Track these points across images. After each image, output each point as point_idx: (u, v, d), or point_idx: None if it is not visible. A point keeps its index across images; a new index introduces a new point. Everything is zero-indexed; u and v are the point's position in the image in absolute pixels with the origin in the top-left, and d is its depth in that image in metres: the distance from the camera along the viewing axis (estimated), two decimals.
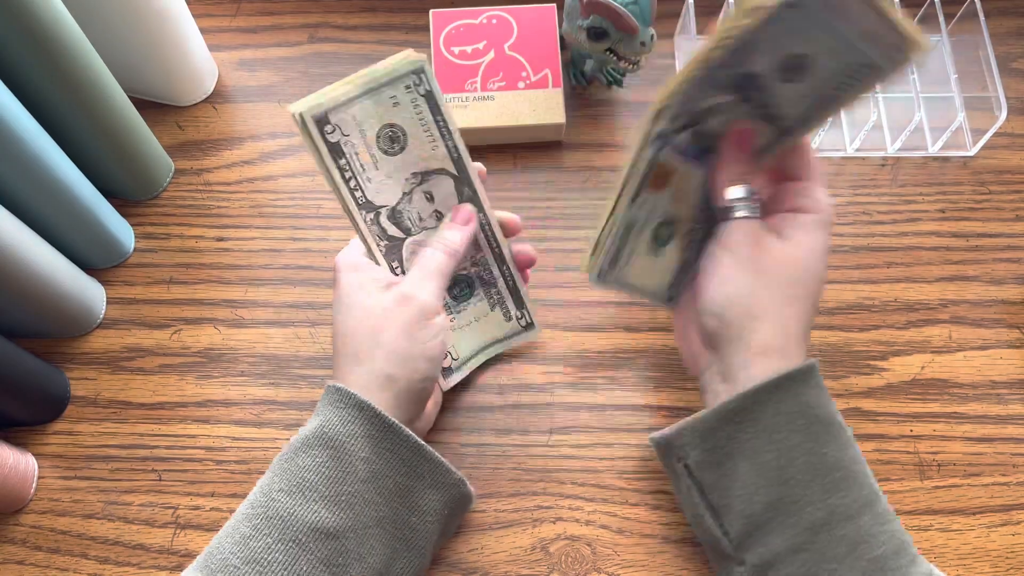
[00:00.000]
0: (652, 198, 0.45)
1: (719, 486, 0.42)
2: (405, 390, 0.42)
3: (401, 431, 0.41)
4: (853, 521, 0.38)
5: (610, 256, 0.46)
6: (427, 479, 0.42)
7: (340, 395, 0.41)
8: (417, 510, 0.42)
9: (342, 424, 0.40)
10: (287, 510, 0.38)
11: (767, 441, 0.40)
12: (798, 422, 0.39)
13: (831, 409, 0.40)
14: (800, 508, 0.39)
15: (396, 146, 0.43)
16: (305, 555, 0.38)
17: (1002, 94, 0.55)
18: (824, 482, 0.39)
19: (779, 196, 0.44)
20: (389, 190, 0.44)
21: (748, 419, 0.40)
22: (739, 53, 0.38)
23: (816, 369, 0.40)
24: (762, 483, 0.40)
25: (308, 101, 0.40)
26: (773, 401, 0.39)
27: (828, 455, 0.39)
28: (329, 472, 0.39)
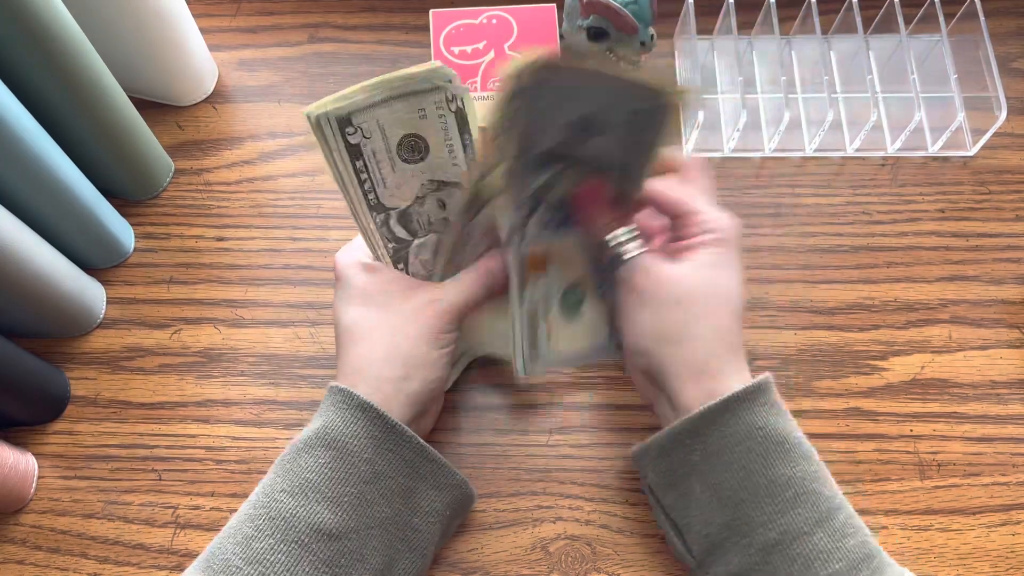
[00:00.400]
0: (541, 281, 0.45)
1: (678, 506, 0.42)
2: (418, 393, 0.42)
3: (404, 432, 0.41)
4: (807, 539, 0.38)
5: (528, 348, 0.47)
6: (429, 480, 0.42)
7: (343, 396, 0.41)
8: (419, 511, 0.42)
9: (345, 425, 0.40)
10: (289, 511, 0.38)
11: (717, 463, 0.40)
12: (746, 443, 0.39)
13: (783, 426, 0.40)
14: (752, 529, 0.39)
15: (416, 155, 0.43)
16: (307, 556, 0.38)
17: (1002, 94, 0.55)
18: (775, 502, 0.38)
19: (675, 230, 0.44)
20: (402, 193, 0.44)
21: (697, 441, 0.40)
22: (524, 141, 0.39)
23: (765, 387, 0.40)
24: (715, 504, 0.40)
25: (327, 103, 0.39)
26: (720, 423, 0.39)
27: (779, 474, 0.39)
28: (331, 473, 0.39)
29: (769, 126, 0.59)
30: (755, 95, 0.61)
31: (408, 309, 0.43)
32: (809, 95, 0.61)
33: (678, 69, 0.62)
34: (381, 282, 0.43)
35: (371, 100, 0.40)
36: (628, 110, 0.39)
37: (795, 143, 0.59)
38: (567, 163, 0.42)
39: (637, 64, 0.55)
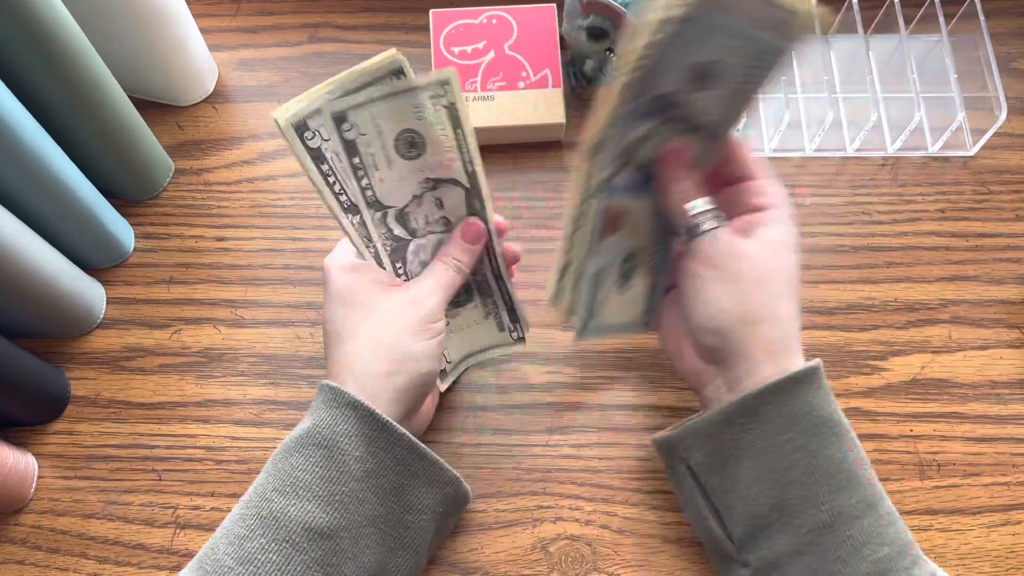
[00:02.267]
0: (611, 243, 0.45)
1: (722, 488, 0.42)
2: (405, 387, 0.42)
3: (395, 430, 0.41)
4: (857, 522, 0.38)
5: (588, 311, 0.47)
6: (421, 477, 0.42)
7: (334, 394, 0.41)
8: (412, 508, 0.42)
9: (335, 423, 0.40)
10: (281, 510, 0.38)
11: (770, 443, 0.40)
12: (802, 423, 0.39)
13: (835, 411, 0.40)
14: (804, 509, 0.39)
15: (413, 151, 0.43)
16: (299, 555, 0.38)
17: (1002, 94, 0.55)
18: (828, 483, 0.39)
19: (734, 199, 0.44)
20: (400, 192, 0.44)
21: (752, 421, 0.40)
22: (648, 80, 0.38)
23: (820, 371, 0.40)
24: (765, 485, 0.40)
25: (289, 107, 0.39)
26: (776, 403, 0.39)
27: (832, 456, 0.39)
28: (323, 471, 0.39)
29: (770, 126, 0.59)
30: None
31: (390, 306, 0.43)
32: (809, 95, 0.61)
33: None
34: (362, 281, 0.44)
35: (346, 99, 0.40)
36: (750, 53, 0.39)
37: (795, 143, 0.59)
38: (668, 116, 0.42)
39: None
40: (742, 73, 0.40)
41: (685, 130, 0.43)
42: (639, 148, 0.43)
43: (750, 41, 0.38)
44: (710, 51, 0.39)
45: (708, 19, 0.37)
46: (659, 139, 0.43)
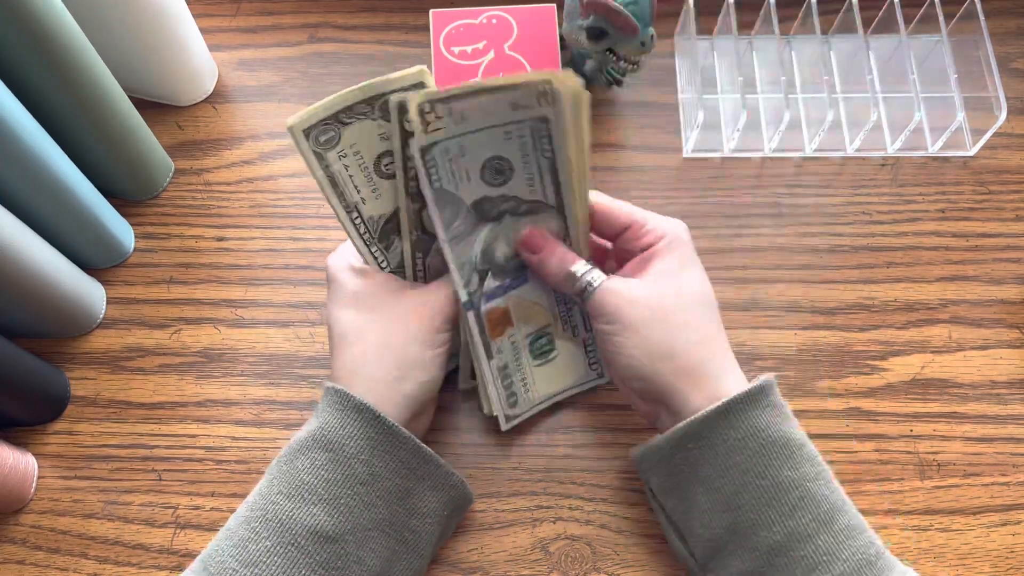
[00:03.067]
0: (507, 341, 0.46)
1: (679, 509, 0.42)
2: (412, 394, 0.42)
3: (400, 433, 0.41)
4: (811, 541, 0.38)
5: (507, 405, 0.48)
6: (427, 481, 0.42)
7: (339, 397, 0.40)
8: (417, 512, 0.42)
9: (341, 426, 0.40)
10: (286, 513, 0.38)
11: (720, 466, 0.40)
12: (749, 446, 0.39)
13: (786, 428, 0.40)
14: (756, 532, 0.39)
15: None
16: (304, 558, 0.38)
17: (1002, 94, 0.55)
18: (779, 505, 0.38)
19: (623, 250, 0.44)
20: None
21: (699, 445, 0.40)
22: (445, 207, 0.40)
23: (767, 389, 0.40)
24: (718, 508, 0.40)
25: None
26: (721, 427, 0.39)
27: (782, 476, 0.39)
28: (328, 475, 0.39)
29: (769, 126, 0.59)
30: (755, 95, 0.61)
31: (399, 311, 0.43)
32: (809, 95, 0.61)
33: (677, 69, 0.62)
34: (372, 285, 0.44)
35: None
36: (528, 133, 0.40)
37: (795, 143, 0.59)
38: (498, 214, 0.43)
39: (638, 65, 0.55)
40: (536, 151, 0.41)
41: (525, 215, 0.44)
42: (493, 252, 0.44)
43: (519, 124, 0.39)
44: (482, 152, 0.40)
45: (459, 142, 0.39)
46: (508, 234, 0.44)
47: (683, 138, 0.60)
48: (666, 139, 0.60)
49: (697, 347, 0.41)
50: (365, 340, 0.42)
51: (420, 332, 0.42)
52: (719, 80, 0.61)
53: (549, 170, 0.42)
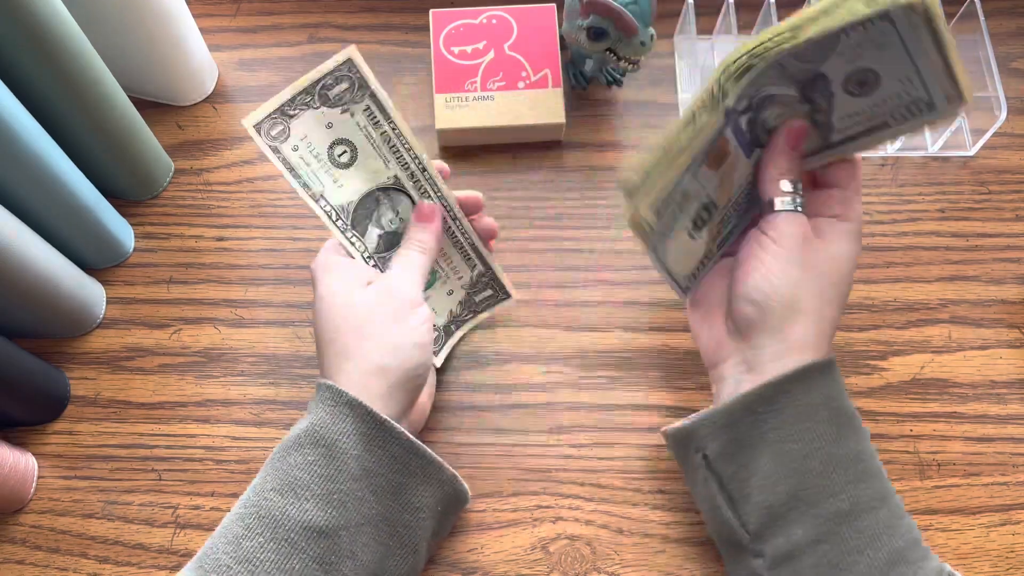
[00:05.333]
0: (708, 175, 0.44)
1: (738, 477, 0.42)
2: (398, 380, 0.42)
3: (393, 428, 0.41)
4: (874, 513, 0.39)
5: (665, 220, 0.44)
6: (419, 476, 0.43)
7: (331, 393, 0.41)
8: (410, 507, 0.42)
9: (333, 422, 0.40)
10: (279, 509, 0.38)
11: (790, 431, 0.40)
12: (821, 413, 0.40)
13: (849, 403, 0.41)
14: (823, 499, 0.39)
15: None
16: (297, 554, 0.38)
17: (1002, 94, 0.55)
18: (847, 473, 0.39)
19: (819, 201, 0.44)
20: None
21: (771, 409, 0.40)
22: (821, 48, 0.39)
23: (835, 363, 0.41)
24: (783, 473, 0.40)
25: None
26: (797, 392, 0.40)
27: (850, 447, 0.40)
28: (321, 470, 0.39)
29: None
30: None
31: (368, 299, 0.43)
32: None
33: (677, 69, 0.62)
34: (341, 281, 0.44)
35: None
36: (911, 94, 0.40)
37: None
38: (806, 98, 0.42)
39: (637, 65, 0.55)
40: (893, 107, 0.41)
41: (813, 121, 0.43)
42: (767, 106, 0.43)
43: (918, 85, 0.39)
44: (883, 65, 0.40)
45: (904, 34, 0.38)
46: (787, 112, 0.43)
47: None
48: None
49: (829, 323, 0.42)
50: (343, 335, 0.42)
51: (392, 314, 0.43)
52: None
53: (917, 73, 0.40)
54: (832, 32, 0.37)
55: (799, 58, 0.39)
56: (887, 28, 0.37)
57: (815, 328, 0.41)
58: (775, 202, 0.43)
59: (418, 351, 0.43)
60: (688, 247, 0.46)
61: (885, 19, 0.37)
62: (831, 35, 0.37)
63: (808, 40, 0.37)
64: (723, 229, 0.46)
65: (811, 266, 0.41)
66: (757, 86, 0.41)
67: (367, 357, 0.42)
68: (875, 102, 0.41)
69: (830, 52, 0.40)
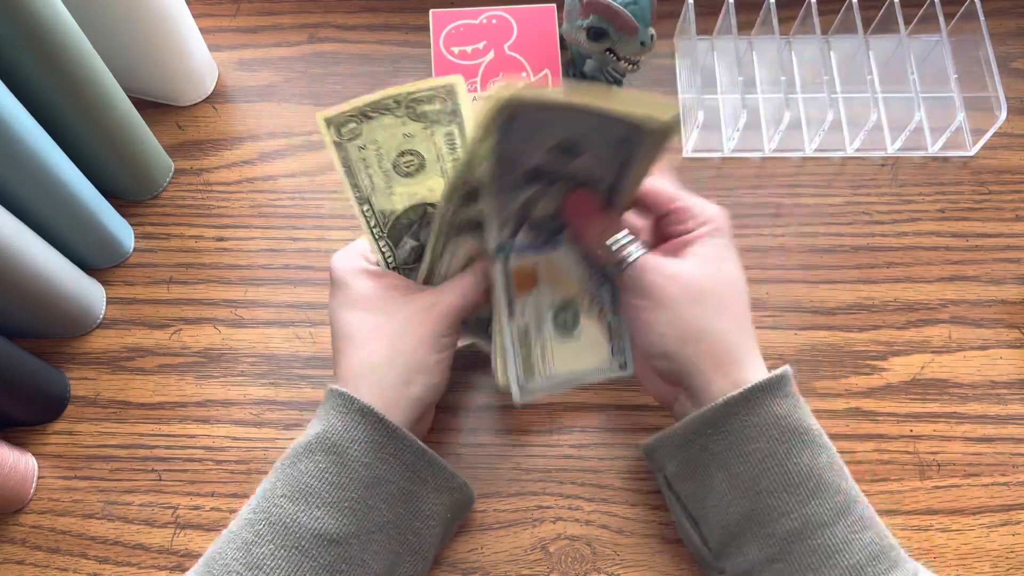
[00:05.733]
0: (530, 300, 0.45)
1: (696, 496, 0.42)
2: (419, 398, 0.42)
3: (404, 436, 0.41)
4: (827, 529, 0.38)
5: (523, 372, 0.46)
6: (430, 484, 0.42)
7: (343, 400, 0.40)
8: (420, 515, 0.42)
9: (345, 429, 0.40)
10: (289, 516, 0.38)
11: (739, 452, 0.40)
12: (770, 432, 0.39)
13: (803, 417, 0.40)
14: (774, 519, 0.39)
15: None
16: (308, 561, 0.38)
17: (1002, 94, 0.55)
18: (798, 492, 0.39)
19: (662, 231, 0.44)
20: None
21: (720, 431, 0.40)
22: (503, 165, 0.39)
23: (786, 378, 0.40)
24: (736, 494, 0.40)
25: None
26: (743, 412, 0.39)
27: (800, 464, 0.39)
28: (332, 478, 0.39)
29: (769, 126, 0.59)
30: (755, 95, 0.61)
31: (408, 314, 0.42)
32: (809, 95, 0.61)
33: (677, 69, 0.62)
34: (381, 287, 0.43)
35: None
36: (613, 138, 0.39)
37: (795, 143, 0.59)
38: (551, 179, 0.42)
39: (637, 65, 0.55)
40: (614, 147, 0.40)
41: (578, 184, 0.43)
42: (533, 206, 0.43)
43: (606, 130, 0.39)
44: (565, 131, 0.39)
45: (540, 119, 0.37)
46: (555, 194, 0.43)
47: (683, 138, 0.60)
48: None
49: (727, 333, 0.41)
50: (371, 343, 0.42)
51: (428, 336, 0.42)
52: (719, 80, 0.61)
53: (619, 166, 0.41)
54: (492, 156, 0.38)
55: (502, 177, 0.40)
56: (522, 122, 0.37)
57: (721, 346, 0.40)
58: (616, 264, 0.43)
59: (440, 375, 0.43)
60: (578, 345, 0.47)
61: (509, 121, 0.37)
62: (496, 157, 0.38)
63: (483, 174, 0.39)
64: (597, 303, 0.47)
65: (676, 295, 0.41)
66: (500, 211, 0.42)
67: (395, 372, 0.41)
68: (600, 151, 0.41)
69: (516, 158, 0.40)
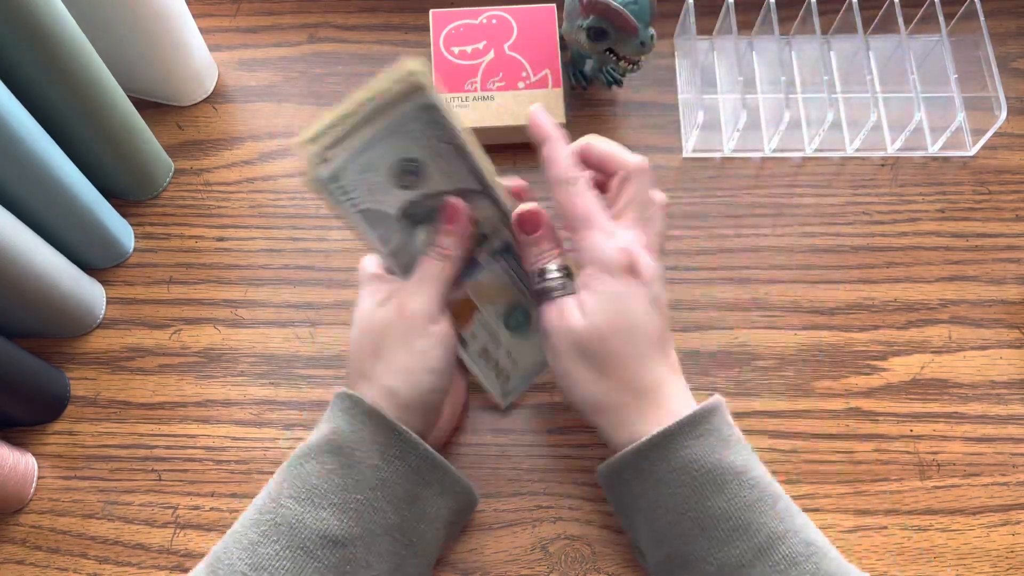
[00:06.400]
0: (477, 322, 0.47)
1: (633, 530, 0.43)
2: (409, 403, 0.42)
3: (410, 438, 0.41)
4: (745, 571, 0.37)
5: (500, 382, 0.48)
6: (436, 487, 0.42)
7: (351, 402, 0.40)
8: (425, 518, 0.42)
9: (352, 431, 0.40)
10: (295, 517, 0.38)
11: (653, 499, 0.39)
12: (681, 478, 0.38)
13: (720, 456, 0.38)
14: (693, 562, 0.38)
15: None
16: (313, 563, 0.37)
17: (1002, 94, 0.55)
18: (712, 537, 0.38)
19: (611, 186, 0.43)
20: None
21: (635, 477, 0.40)
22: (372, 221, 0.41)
23: (706, 415, 0.39)
24: (657, 539, 0.40)
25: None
26: (654, 458, 0.39)
27: (713, 508, 0.38)
28: (338, 479, 0.39)
29: (769, 126, 0.59)
30: (755, 95, 0.61)
31: (379, 320, 0.42)
32: (809, 95, 0.61)
33: (677, 69, 0.62)
34: (366, 294, 0.44)
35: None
36: (408, 129, 0.40)
37: (795, 143, 0.59)
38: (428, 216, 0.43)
39: (638, 65, 0.55)
40: (429, 142, 0.40)
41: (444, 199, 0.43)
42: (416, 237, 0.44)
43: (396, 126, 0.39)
44: (387, 159, 0.40)
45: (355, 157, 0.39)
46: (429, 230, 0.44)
47: (683, 138, 0.60)
48: (666, 139, 0.60)
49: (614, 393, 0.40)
50: (363, 352, 0.42)
51: (406, 337, 0.42)
52: (719, 80, 0.61)
53: (456, 155, 0.41)
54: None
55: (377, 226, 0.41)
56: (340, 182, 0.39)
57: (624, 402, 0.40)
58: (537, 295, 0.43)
59: (429, 376, 0.42)
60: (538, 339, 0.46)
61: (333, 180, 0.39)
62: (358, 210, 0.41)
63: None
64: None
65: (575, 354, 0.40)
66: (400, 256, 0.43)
67: (379, 379, 0.41)
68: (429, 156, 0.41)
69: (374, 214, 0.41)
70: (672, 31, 0.63)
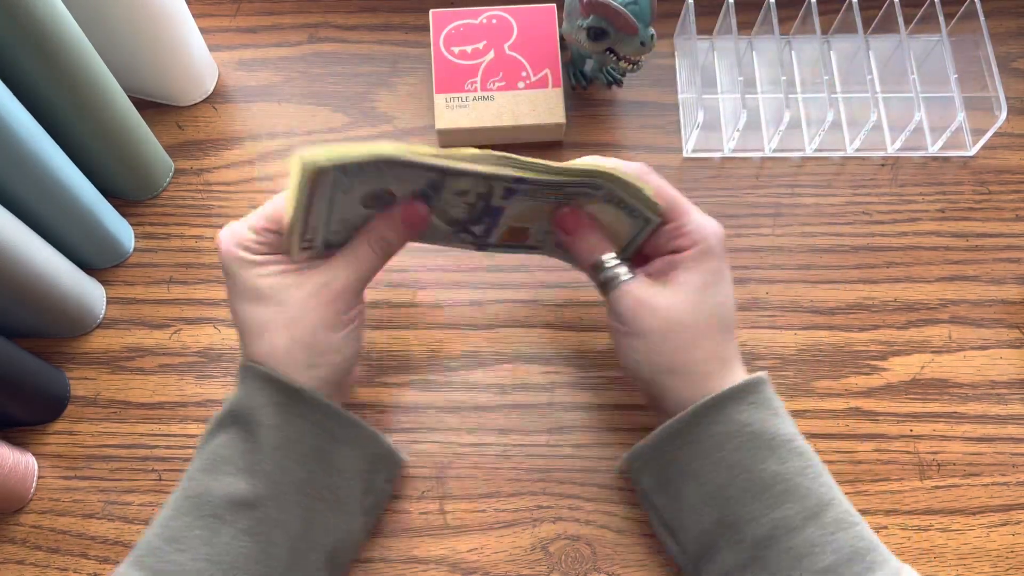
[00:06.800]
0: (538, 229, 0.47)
1: (671, 507, 0.43)
2: (326, 378, 0.42)
3: (309, 395, 0.41)
4: (798, 533, 0.38)
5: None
6: (342, 440, 0.43)
7: (248, 371, 0.41)
8: (333, 470, 0.42)
9: (248, 397, 0.41)
10: (203, 487, 0.39)
11: (706, 462, 0.40)
12: (735, 440, 0.40)
13: (772, 424, 0.40)
14: (744, 525, 0.39)
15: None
16: (225, 527, 0.39)
17: (1002, 94, 0.55)
18: (765, 498, 0.39)
19: (657, 238, 0.44)
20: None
21: (687, 441, 0.41)
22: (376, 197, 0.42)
23: (756, 385, 0.41)
24: (707, 502, 0.40)
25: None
26: (707, 422, 0.40)
27: (767, 471, 0.39)
28: (242, 444, 0.40)
29: (769, 126, 0.59)
30: (755, 95, 0.61)
31: (301, 299, 0.41)
32: (809, 95, 0.61)
33: (677, 69, 0.62)
34: (266, 271, 0.42)
35: None
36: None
37: (795, 143, 0.59)
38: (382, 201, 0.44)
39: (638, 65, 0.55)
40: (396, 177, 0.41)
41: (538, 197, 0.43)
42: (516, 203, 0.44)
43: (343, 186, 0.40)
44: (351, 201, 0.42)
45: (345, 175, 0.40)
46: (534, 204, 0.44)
47: (683, 138, 0.60)
48: (666, 139, 0.60)
49: (702, 364, 0.42)
50: (268, 334, 0.41)
51: (326, 317, 0.41)
52: (719, 80, 0.61)
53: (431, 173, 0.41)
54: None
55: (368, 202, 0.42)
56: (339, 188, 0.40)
57: (704, 369, 0.41)
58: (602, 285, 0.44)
59: (350, 349, 0.43)
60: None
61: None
62: None
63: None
64: None
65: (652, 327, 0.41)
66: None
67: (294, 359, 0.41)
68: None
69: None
70: (672, 31, 0.63)
